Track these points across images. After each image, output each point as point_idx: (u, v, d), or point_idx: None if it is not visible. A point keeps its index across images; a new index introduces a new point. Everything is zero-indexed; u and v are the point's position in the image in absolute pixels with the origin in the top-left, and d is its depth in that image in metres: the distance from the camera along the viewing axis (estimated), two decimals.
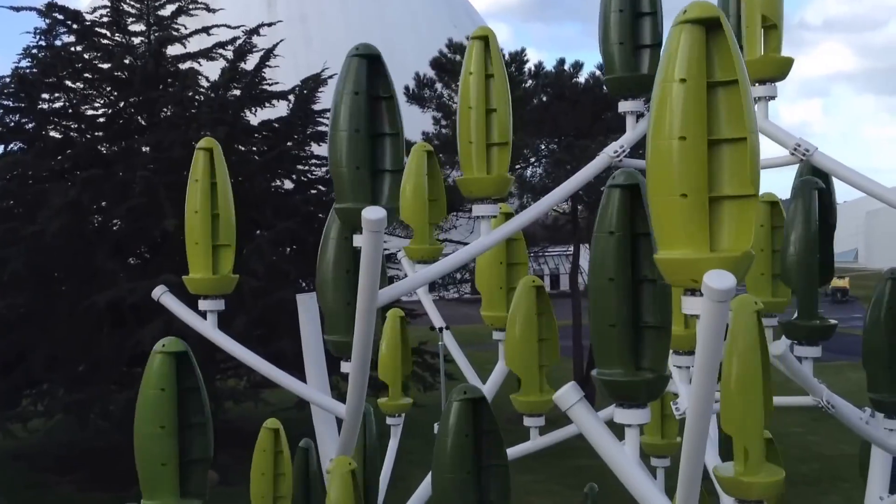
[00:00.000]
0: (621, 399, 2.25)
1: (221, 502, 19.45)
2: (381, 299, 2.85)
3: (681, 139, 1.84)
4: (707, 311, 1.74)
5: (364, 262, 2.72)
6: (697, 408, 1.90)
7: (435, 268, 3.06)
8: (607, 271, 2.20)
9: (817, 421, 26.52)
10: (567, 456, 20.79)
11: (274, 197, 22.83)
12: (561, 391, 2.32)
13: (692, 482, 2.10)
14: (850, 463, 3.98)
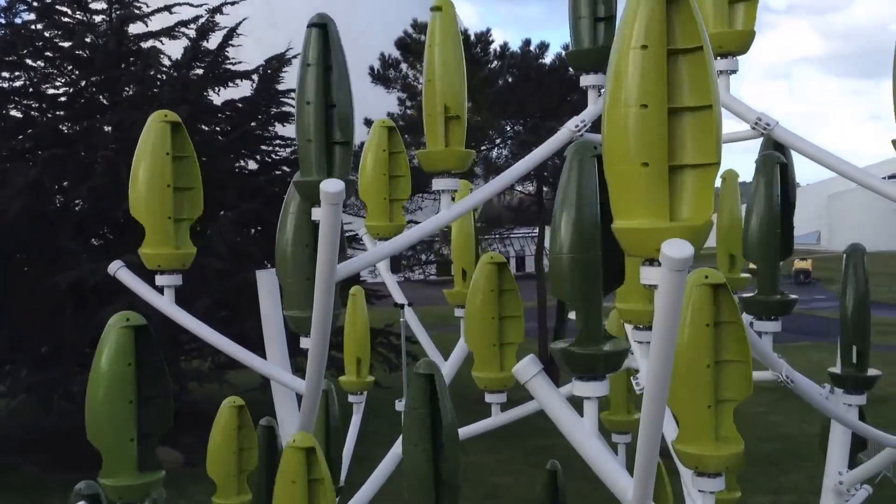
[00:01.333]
0: (580, 371, 2.23)
1: (185, 483, 19.48)
2: (340, 274, 2.81)
3: (642, 107, 1.81)
4: (665, 281, 1.72)
5: (322, 235, 2.67)
6: (655, 378, 1.88)
7: (395, 242, 3.03)
8: (587, 247, 2.17)
9: (780, 401, 26.95)
10: (532, 436, 20.93)
11: (237, 178, 22.62)
12: (520, 364, 2.30)
13: (650, 454, 2.09)
14: (812, 442, 4.03)
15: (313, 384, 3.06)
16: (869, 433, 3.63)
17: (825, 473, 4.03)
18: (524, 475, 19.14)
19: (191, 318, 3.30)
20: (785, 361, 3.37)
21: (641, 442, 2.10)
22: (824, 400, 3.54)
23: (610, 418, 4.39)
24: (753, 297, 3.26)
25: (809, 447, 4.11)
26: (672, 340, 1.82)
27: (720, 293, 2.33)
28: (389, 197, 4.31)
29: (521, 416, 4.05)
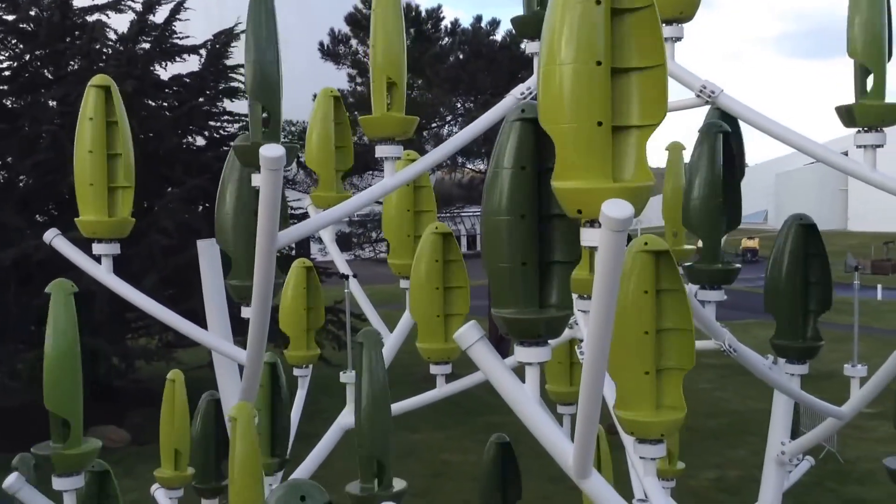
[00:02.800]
0: (521, 337, 2.21)
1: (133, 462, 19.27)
2: (282, 241, 2.75)
3: (579, 63, 1.78)
4: (605, 242, 1.70)
5: (263, 202, 2.61)
6: (595, 339, 1.87)
7: (337, 209, 2.97)
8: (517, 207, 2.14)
9: (726, 378, 27.46)
10: (481, 413, 21.09)
11: (185, 154, 22.30)
12: (461, 329, 2.27)
13: (590, 418, 2.08)
14: (757, 417, 4.08)
15: (255, 354, 3.01)
16: (810, 403, 3.67)
17: (768, 443, 4.08)
18: (473, 452, 19.21)
19: (129, 287, 3.22)
20: (728, 331, 3.39)
21: (582, 405, 2.09)
22: (767, 370, 3.57)
23: (554, 389, 4.41)
24: (696, 266, 3.27)
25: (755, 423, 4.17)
26: (612, 302, 1.80)
27: (661, 260, 2.32)
28: (336, 168, 4.25)
29: (466, 387, 4.04)
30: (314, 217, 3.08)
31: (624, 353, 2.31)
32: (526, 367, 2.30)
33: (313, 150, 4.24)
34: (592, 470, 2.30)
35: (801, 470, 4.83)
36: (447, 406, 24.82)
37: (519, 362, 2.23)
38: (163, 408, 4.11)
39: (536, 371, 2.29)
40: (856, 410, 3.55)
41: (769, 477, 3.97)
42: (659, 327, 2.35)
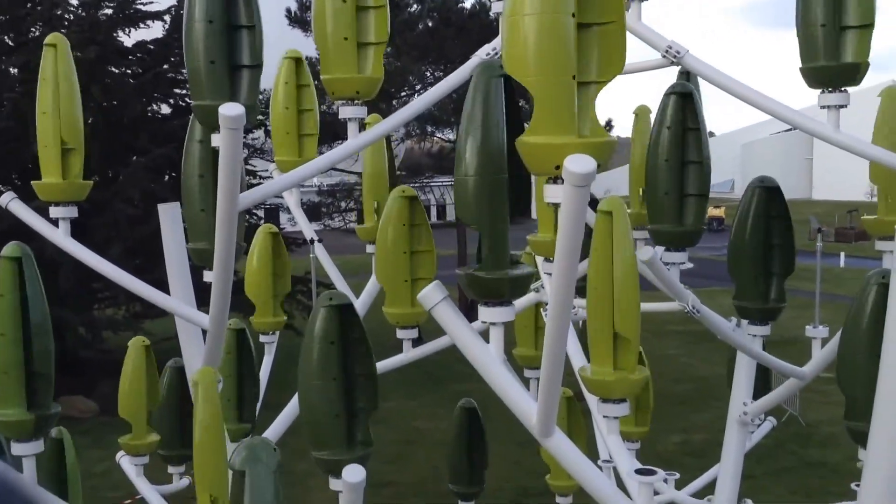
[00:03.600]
0: (485, 297, 2.20)
1: (102, 432, 19.14)
2: (243, 203, 2.71)
3: (544, 14, 1.75)
4: (567, 197, 1.69)
5: (223, 162, 2.57)
6: (558, 296, 1.86)
7: (299, 171, 2.92)
8: (493, 169, 2.11)
9: (692, 344, 27.79)
10: (452, 381, 21.18)
11: (150, 122, 21.97)
12: (425, 290, 2.25)
13: (553, 376, 2.08)
14: (722, 383, 4.12)
15: (218, 318, 2.97)
16: (772, 363, 3.72)
17: (730, 404, 4.12)
18: (443, 419, 19.31)
19: (86, 250, 3.16)
20: (692, 293, 3.40)
21: (545, 364, 2.09)
22: (730, 331, 3.60)
23: (521, 353, 4.43)
24: (660, 228, 3.27)
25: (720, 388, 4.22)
26: (575, 258, 1.79)
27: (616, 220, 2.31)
28: (299, 132, 4.19)
29: (433, 350, 4.03)
30: (277, 178, 3.04)
31: (590, 317, 2.30)
32: (490, 327, 2.29)
33: (277, 115, 4.18)
34: (556, 429, 2.31)
35: (763, 431, 4.90)
36: (418, 375, 24.88)
37: (483, 322, 2.23)
38: (122, 374, 4.07)
39: (500, 331, 2.29)
40: (817, 370, 3.59)
41: (731, 437, 4.02)
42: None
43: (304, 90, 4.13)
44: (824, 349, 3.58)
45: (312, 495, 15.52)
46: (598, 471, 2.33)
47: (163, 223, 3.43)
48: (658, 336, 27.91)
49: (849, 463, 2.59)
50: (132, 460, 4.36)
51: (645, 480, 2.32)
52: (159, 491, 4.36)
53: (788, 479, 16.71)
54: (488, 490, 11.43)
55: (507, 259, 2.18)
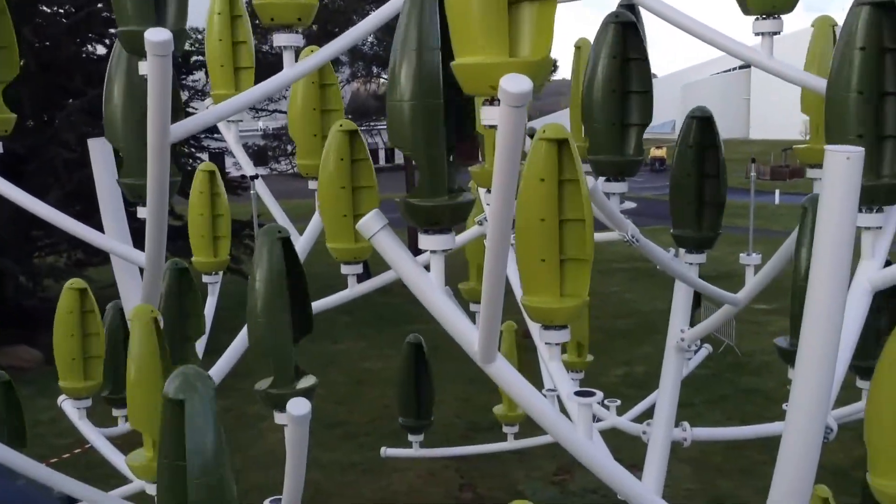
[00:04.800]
0: (424, 224, 2.19)
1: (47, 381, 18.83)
2: (176, 134, 2.65)
3: None
4: (504, 118, 1.68)
5: (152, 92, 2.49)
6: (496, 220, 1.86)
7: (233, 101, 2.86)
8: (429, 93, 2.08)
9: (634, 280, 28.32)
10: (402, 322, 21.28)
11: (84, 63, 21.29)
12: (364, 219, 2.24)
13: (493, 301, 2.09)
14: (663, 318, 4.19)
15: (154, 254, 2.92)
16: (708, 291, 3.78)
17: (668, 332, 4.20)
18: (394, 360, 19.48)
19: (16, 188, 3.07)
20: (631, 222, 3.44)
21: (485, 289, 2.10)
22: (668, 259, 3.65)
23: (466, 287, 4.45)
24: (600, 158, 3.28)
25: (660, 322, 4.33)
26: (513, 180, 1.79)
27: (562, 149, 2.31)
28: (234, 64, 4.09)
29: (378, 285, 4.03)
30: (210, 109, 2.96)
31: (526, 242, 2.31)
32: (431, 255, 2.29)
33: (212, 47, 4.07)
34: (498, 355, 2.33)
35: (700, 357, 5.03)
36: (368, 316, 24.99)
37: (422, 249, 2.22)
38: (56, 317, 3.98)
39: (441, 259, 2.29)
40: (749, 297, 3.67)
41: (669, 363, 4.11)
42: (562, 217, 2.34)
43: (238, 21, 4.02)
44: (757, 276, 3.67)
45: (266, 437, 15.60)
46: (539, 395, 2.36)
47: (93, 159, 3.34)
48: (602, 274, 28.34)
49: (781, 389, 2.71)
50: (74, 404, 4.31)
51: (584, 402, 2.37)
52: (104, 434, 4.33)
53: (725, 406, 17.28)
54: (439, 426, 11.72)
55: (444, 186, 2.17)
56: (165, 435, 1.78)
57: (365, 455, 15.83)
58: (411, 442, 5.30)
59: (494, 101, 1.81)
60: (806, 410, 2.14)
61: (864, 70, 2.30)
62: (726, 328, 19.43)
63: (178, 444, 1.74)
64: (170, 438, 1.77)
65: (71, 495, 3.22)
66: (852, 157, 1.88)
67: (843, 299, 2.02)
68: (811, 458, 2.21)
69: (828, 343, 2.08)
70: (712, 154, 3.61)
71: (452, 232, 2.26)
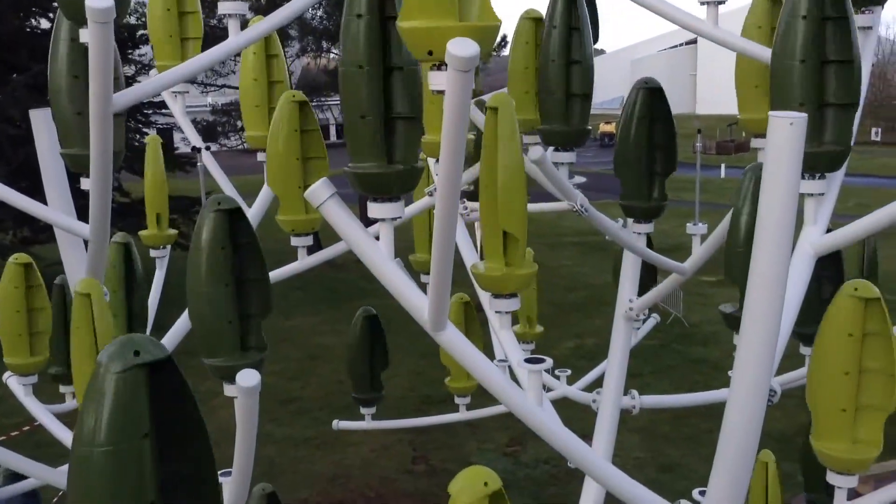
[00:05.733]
0: (374, 193, 2.18)
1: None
2: (119, 103, 2.59)
3: None
4: (451, 82, 1.67)
5: (94, 59, 2.44)
6: (445, 187, 1.86)
7: (177, 70, 2.81)
8: (357, 58, 2.07)
9: (585, 254, 28.59)
10: (355, 298, 21.25)
11: (29, 37, 20.76)
12: (312, 187, 2.21)
13: (443, 270, 2.09)
14: (613, 290, 4.24)
15: (98, 227, 2.87)
16: (656, 260, 3.84)
17: (617, 302, 4.25)
18: (346, 335, 19.51)
19: None
20: (580, 192, 3.46)
21: (434, 257, 2.09)
22: (617, 229, 3.68)
23: (417, 258, 4.45)
24: (549, 128, 3.29)
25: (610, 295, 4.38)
26: (461, 146, 1.79)
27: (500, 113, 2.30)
28: (181, 35, 4.01)
29: (330, 257, 4.00)
30: (153, 78, 2.91)
31: (485, 212, 2.31)
32: (380, 223, 2.28)
33: (156, 17, 3.99)
34: (448, 323, 2.33)
35: (648, 326, 5.10)
36: (321, 292, 24.91)
37: (370, 217, 2.21)
38: (1, 291, 3.90)
39: (390, 228, 2.28)
40: (696, 265, 3.72)
41: (618, 333, 4.16)
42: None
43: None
44: (703, 245, 3.72)
45: (218, 414, 15.50)
46: (489, 362, 2.37)
47: (36, 130, 3.26)
48: (552, 247, 28.57)
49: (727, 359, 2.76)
50: (20, 380, 4.23)
51: (534, 368, 2.39)
52: (52, 410, 4.26)
53: (673, 376, 17.62)
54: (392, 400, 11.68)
55: (386, 154, 2.15)
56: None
57: (318, 430, 15.84)
58: (364, 415, 5.31)
59: (442, 67, 1.80)
60: (750, 373, 2.18)
61: (807, 38, 2.33)
62: (674, 300, 19.77)
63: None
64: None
65: (18, 472, 3.17)
66: (795, 123, 1.91)
67: (786, 263, 2.07)
68: (756, 421, 2.26)
69: (771, 307, 2.12)
70: (661, 124, 3.64)
71: (402, 200, 2.25)
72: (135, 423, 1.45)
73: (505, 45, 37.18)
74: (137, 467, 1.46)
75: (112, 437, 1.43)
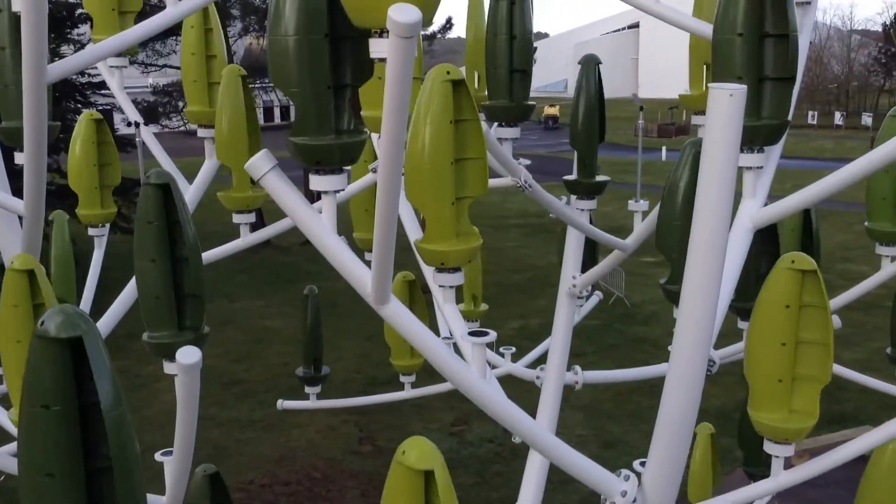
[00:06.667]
0: (313, 163, 2.15)
1: None
2: (53, 74, 2.52)
3: None
4: (393, 49, 1.66)
5: (26, 30, 2.36)
6: (388, 158, 1.85)
7: (113, 40, 2.73)
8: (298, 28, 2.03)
9: (529, 236, 28.80)
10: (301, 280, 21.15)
11: None
12: (252, 159, 2.18)
13: (386, 243, 2.08)
14: (557, 271, 4.27)
15: (33, 201, 2.80)
16: (599, 236, 3.87)
17: (560, 279, 4.29)
18: (293, 317, 19.34)
19: None
20: (525, 168, 3.47)
21: (377, 230, 2.08)
22: (561, 205, 3.71)
23: (360, 236, 4.43)
24: (493, 104, 3.29)
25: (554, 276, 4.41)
26: (403, 116, 1.77)
27: (459, 90, 2.30)
28: (119, 8, 3.91)
29: (273, 234, 3.96)
30: (88, 49, 2.83)
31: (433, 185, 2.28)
32: (322, 196, 2.25)
33: None
34: (391, 296, 2.32)
35: (591, 303, 5.16)
36: (267, 275, 24.69)
37: (313, 190, 2.19)
38: None
39: (332, 200, 2.26)
40: (638, 241, 3.77)
41: (562, 309, 4.20)
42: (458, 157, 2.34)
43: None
44: (644, 221, 3.77)
45: (160, 397, 15.30)
46: (433, 335, 2.37)
47: None
48: (497, 229, 28.72)
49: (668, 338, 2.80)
50: None
51: (477, 341, 2.39)
52: None
53: (615, 354, 17.90)
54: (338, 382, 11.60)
55: (330, 124, 2.13)
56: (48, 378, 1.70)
57: (264, 412, 15.75)
58: (309, 395, 5.29)
59: (384, 34, 1.79)
60: (689, 342, 2.22)
61: (745, 12, 2.36)
62: (616, 280, 20.05)
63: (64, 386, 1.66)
64: (55, 381, 1.69)
65: None
66: (735, 94, 1.94)
67: (725, 234, 2.10)
68: (694, 389, 2.30)
69: (711, 278, 2.15)
70: (600, 100, 3.70)
71: (345, 173, 2.23)
72: (41, 393, 1.50)
73: (451, 27, 37.14)
74: (44, 435, 1.53)
75: (27, 403, 1.52)
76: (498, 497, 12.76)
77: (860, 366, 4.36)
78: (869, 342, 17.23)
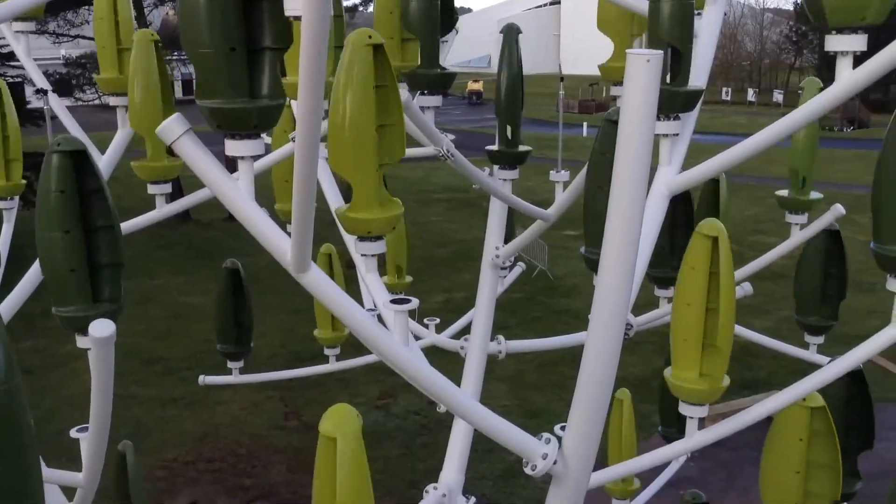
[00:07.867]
0: (229, 129, 2.10)
1: None
2: None
3: None
4: (308, 5, 1.62)
5: None
6: (305, 122, 1.81)
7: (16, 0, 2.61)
8: None
9: (453, 210, 28.87)
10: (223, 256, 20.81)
11: None
12: (164, 123, 2.11)
13: (304, 211, 2.04)
14: (481, 245, 4.28)
15: None
16: (521, 206, 3.89)
17: (484, 250, 4.30)
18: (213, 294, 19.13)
19: None
20: (447, 137, 3.45)
21: (295, 196, 2.04)
22: (483, 175, 3.71)
23: (282, 208, 4.36)
24: (415, 71, 3.26)
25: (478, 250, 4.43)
26: (320, 78, 1.74)
27: (379, 55, 2.27)
28: None
29: (189, 205, 3.87)
30: None
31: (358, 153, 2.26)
32: (239, 162, 2.20)
33: None
34: (311, 264, 2.29)
35: (514, 274, 5.20)
36: (187, 251, 24.22)
37: (229, 155, 2.13)
38: None
39: (250, 166, 2.21)
40: (559, 211, 3.81)
41: (485, 280, 4.22)
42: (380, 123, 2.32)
43: None
44: (566, 191, 3.80)
45: (79, 377, 14.92)
46: (354, 303, 2.35)
47: None
48: (422, 203, 28.72)
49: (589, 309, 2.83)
50: None
51: (399, 308, 2.38)
52: None
53: (538, 326, 18.16)
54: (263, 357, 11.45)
55: (245, 88, 2.08)
56: None
57: (187, 389, 15.51)
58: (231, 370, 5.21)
59: None
60: (608, 305, 2.24)
61: None
62: (539, 253, 20.28)
63: None
64: None
65: None
66: (652, 59, 1.95)
67: (643, 198, 2.12)
68: (612, 354, 2.33)
69: (628, 243, 2.18)
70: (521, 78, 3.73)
71: (262, 138, 2.19)
72: None
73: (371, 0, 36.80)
74: None
75: None
76: (424, 468, 12.85)
77: (770, 333, 4.50)
78: (779, 311, 17.83)
